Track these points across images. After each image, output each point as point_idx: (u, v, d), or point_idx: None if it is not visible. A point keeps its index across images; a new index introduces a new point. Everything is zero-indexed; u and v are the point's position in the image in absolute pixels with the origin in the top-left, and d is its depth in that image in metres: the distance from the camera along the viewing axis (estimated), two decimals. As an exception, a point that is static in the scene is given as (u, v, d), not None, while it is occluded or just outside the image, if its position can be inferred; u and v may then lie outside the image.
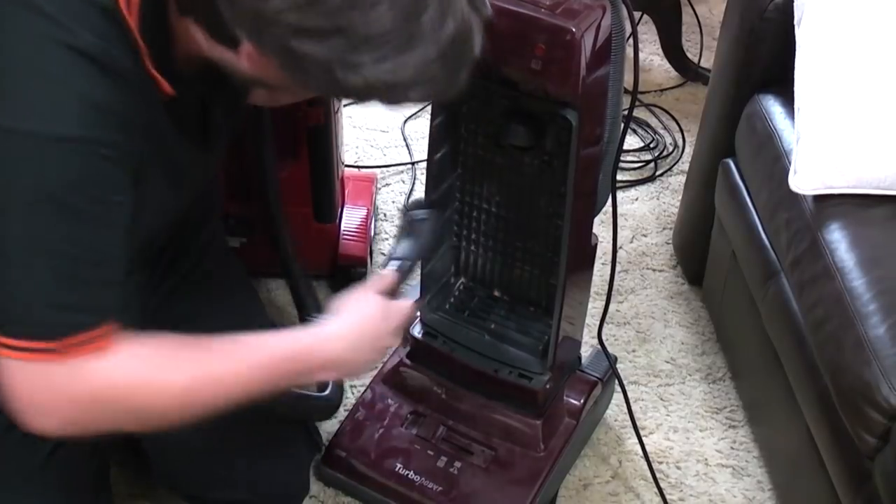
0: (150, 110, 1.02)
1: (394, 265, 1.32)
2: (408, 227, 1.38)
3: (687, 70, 2.48)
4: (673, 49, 2.48)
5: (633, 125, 2.31)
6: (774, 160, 1.50)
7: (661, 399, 1.72)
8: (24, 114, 0.93)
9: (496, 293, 1.52)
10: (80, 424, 1.02)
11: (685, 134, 2.30)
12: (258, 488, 1.37)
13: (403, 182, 2.15)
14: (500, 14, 1.10)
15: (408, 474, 1.47)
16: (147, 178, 1.05)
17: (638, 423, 1.56)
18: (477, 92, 1.33)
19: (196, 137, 1.15)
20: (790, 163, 1.43)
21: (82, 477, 1.27)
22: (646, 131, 2.31)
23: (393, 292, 1.28)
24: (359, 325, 1.20)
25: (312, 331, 1.18)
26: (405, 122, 2.31)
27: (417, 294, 1.46)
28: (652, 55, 2.55)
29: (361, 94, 0.97)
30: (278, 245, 1.55)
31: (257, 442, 1.36)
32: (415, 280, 1.40)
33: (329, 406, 1.50)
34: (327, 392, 1.50)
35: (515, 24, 1.16)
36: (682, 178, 2.07)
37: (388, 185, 2.14)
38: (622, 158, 1.96)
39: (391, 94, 0.97)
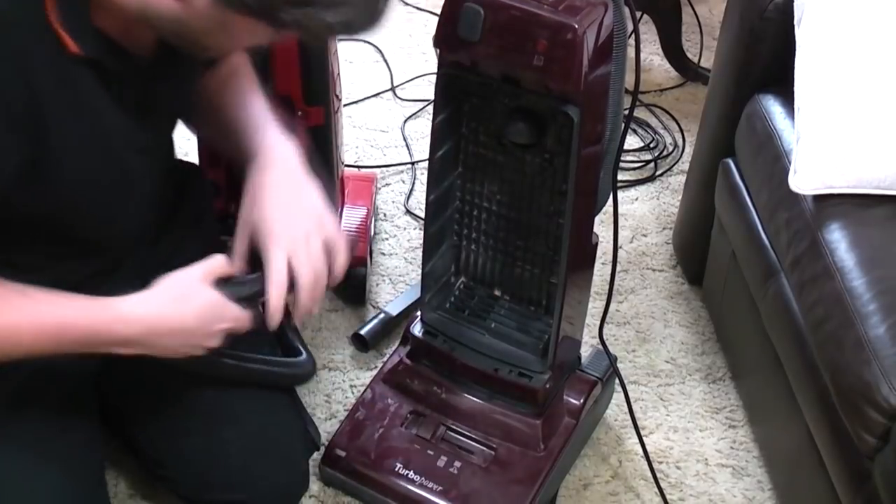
0: (56, 64, 1.02)
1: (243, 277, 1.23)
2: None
3: (687, 70, 2.48)
4: (673, 49, 2.48)
5: (633, 125, 2.31)
6: (774, 160, 1.50)
7: (661, 399, 1.72)
8: None
9: (496, 292, 1.52)
10: None
11: (685, 134, 2.30)
12: (255, 489, 1.37)
13: (403, 182, 2.15)
14: (502, 10, 1.10)
15: (408, 474, 1.47)
16: (51, 130, 1.04)
17: (638, 423, 1.56)
18: (479, 89, 1.34)
19: (130, 108, 1.14)
20: (790, 163, 1.43)
21: (75, 475, 1.27)
22: (646, 131, 2.31)
23: (229, 281, 1.21)
24: (168, 321, 1.17)
25: (116, 306, 1.15)
26: (405, 121, 2.31)
27: (415, 295, 1.44)
28: (652, 55, 2.56)
29: (279, 18, 0.97)
30: None
31: (252, 442, 1.36)
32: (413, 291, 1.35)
33: (301, 375, 1.46)
34: (301, 358, 1.45)
35: (518, 21, 1.16)
36: (682, 178, 2.07)
37: (388, 184, 2.14)
38: (622, 158, 1.96)
39: (308, 17, 0.97)
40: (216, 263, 1.20)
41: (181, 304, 1.17)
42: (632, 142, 2.27)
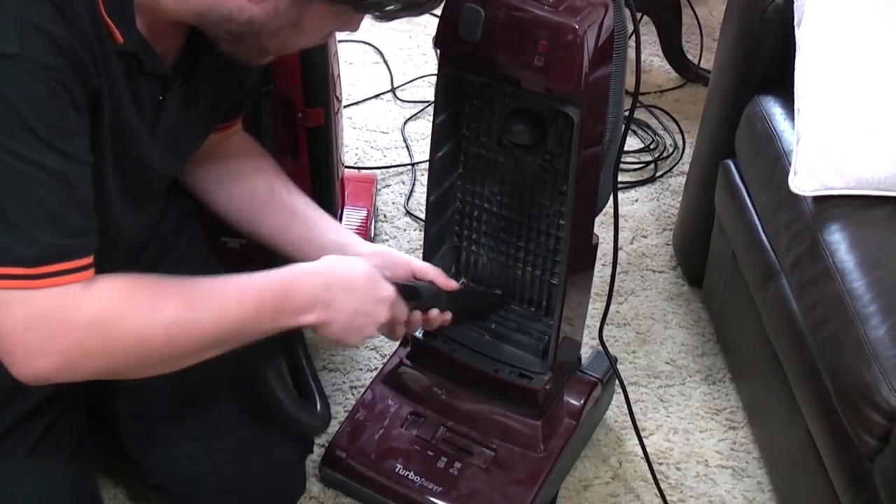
0: (104, 55, 1.02)
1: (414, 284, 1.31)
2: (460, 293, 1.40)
3: (687, 71, 2.49)
4: (673, 50, 2.48)
5: (633, 126, 2.31)
6: (774, 161, 1.50)
7: (661, 400, 1.72)
8: None
9: (497, 293, 1.52)
10: (72, 361, 1.00)
11: (685, 135, 2.30)
12: (249, 494, 1.37)
13: (403, 183, 2.15)
14: (502, 10, 1.10)
15: (408, 475, 1.47)
16: (98, 134, 1.04)
17: (638, 424, 1.56)
18: (479, 90, 1.34)
19: (146, 117, 1.14)
20: (790, 164, 1.43)
21: (64, 475, 1.27)
22: (646, 132, 2.31)
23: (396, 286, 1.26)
24: (340, 272, 1.20)
25: (295, 266, 1.18)
26: (405, 123, 2.31)
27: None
28: (652, 56, 2.56)
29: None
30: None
31: (244, 448, 1.36)
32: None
33: (313, 428, 1.53)
34: (318, 410, 1.54)
35: (518, 21, 1.16)
36: (682, 180, 2.07)
37: (388, 186, 2.14)
38: (622, 159, 1.96)
39: None
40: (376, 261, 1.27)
41: (349, 264, 1.21)
42: (632, 143, 2.27)
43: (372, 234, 1.91)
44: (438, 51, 1.30)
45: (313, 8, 1.04)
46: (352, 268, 1.21)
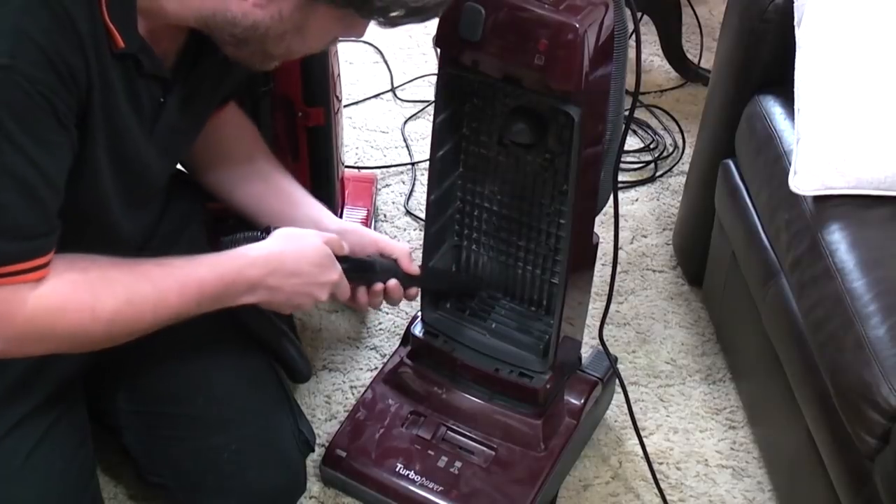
0: (99, 58, 1.03)
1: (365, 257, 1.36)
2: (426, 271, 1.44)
3: (687, 71, 2.48)
4: (673, 50, 2.48)
5: (633, 126, 2.31)
6: (774, 161, 1.50)
7: (661, 400, 1.72)
8: None
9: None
10: (18, 344, 1.09)
11: (685, 135, 2.30)
12: (249, 493, 1.37)
13: (403, 183, 2.15)
14: (503, 10, 1.10)
15: (408, 474, 1.47)
16: (89, 136, 1.06)
17: (638, 424, 1.56)
18: (479, 89, 1.34)
19: (144, 117, 1.15)
20: (790, 163, 1.43)
21: (65, 475, 1.27)
22: (646, 132, 2.31)
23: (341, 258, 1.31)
24: (289, 257, 1.25)
25: (239, 253, 1.23)
26: (405, 122, 2.31)
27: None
28: (652, 56, 2.56)
29: (372, 6, 1.00)
30: None
31: (244, 447, 1.36)
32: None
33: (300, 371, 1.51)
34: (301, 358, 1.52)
35: (519, 20, 1.16)
36: (682, 179, 2.07)
37: (388, 185, 2.14)
38: (622, 159, 1.96)
39: (397, 2, 1.01)
40: (333, 237, 1.31)
41: (298, 244, 1.26)
42: (632, 142, 2.27)
43: (372, 234, 1.91)
44: (439, 50, 1.30)
45: (318, 12, 1.04)
46: (303, 251, 1.26)
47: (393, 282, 1.37)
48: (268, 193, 1.40)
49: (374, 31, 1.12)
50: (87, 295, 1.10)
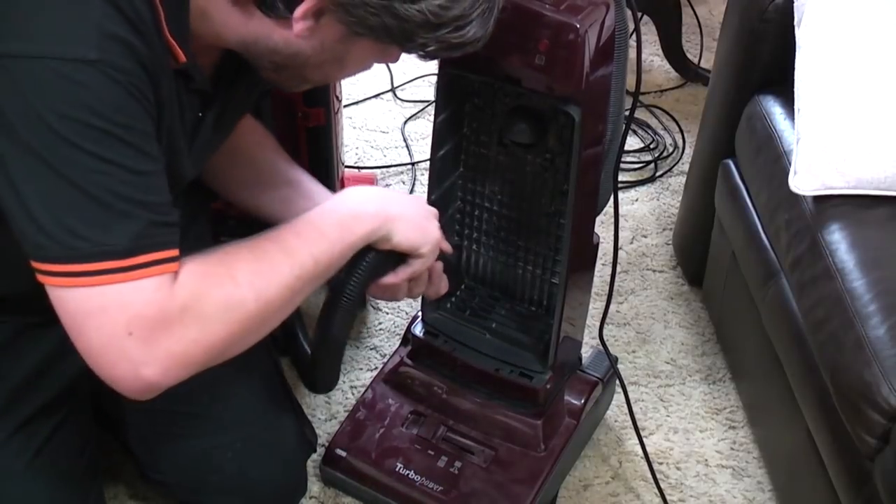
0: (163, 74, 1.01)
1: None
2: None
3: (687, 71, 2.49)
4: (673, 50, 2.48)
5: (633, 126, 2.31)
6: (774, 161, 1.50)
7: (662, 400, 1.72)
8: (43, 39, 0.91)
9: (497, 292, 1.52)
10: (178, 357, 0.97)
11: (685, 135, 2.30)
12: (251, 493, 1.37)
13: (403, 183, 2.15)
14: (503, 9, 1.10)
15: (408, 474, 1.47)
16: (158, 140, 1.04)
17: (638, 424, 1.56)
18: (480, 89, 1.34)
19: (187, 132, 1.14)
20: (790, 163, 1.43)
21: (70, 475, 1.27)
22: (646, 132, 2.31)
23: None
24: (389, 194, 1.24)
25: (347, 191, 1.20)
26: (405, 122, 2.31)
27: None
28: (652, 56, 2.56)
29: (422, 36, 1.00)
30: None
31: (247, 447, 1.36)
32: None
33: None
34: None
35: (519, 20, 1.16)
36: (682, 179, 2.07)
37: (388, 185, 2.14)
38: (622, 159, 1.96)
39: (441, 39, 1.00)
40: None
41: (393, 193, 1.25)
42: (632, 142, 2.27)
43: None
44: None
45: (359, 44, 1.04)
46: (400, 197, 1.25)
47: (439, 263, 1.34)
48: (296, 196, 1.36)
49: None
50: (219, 267, 1.01)
